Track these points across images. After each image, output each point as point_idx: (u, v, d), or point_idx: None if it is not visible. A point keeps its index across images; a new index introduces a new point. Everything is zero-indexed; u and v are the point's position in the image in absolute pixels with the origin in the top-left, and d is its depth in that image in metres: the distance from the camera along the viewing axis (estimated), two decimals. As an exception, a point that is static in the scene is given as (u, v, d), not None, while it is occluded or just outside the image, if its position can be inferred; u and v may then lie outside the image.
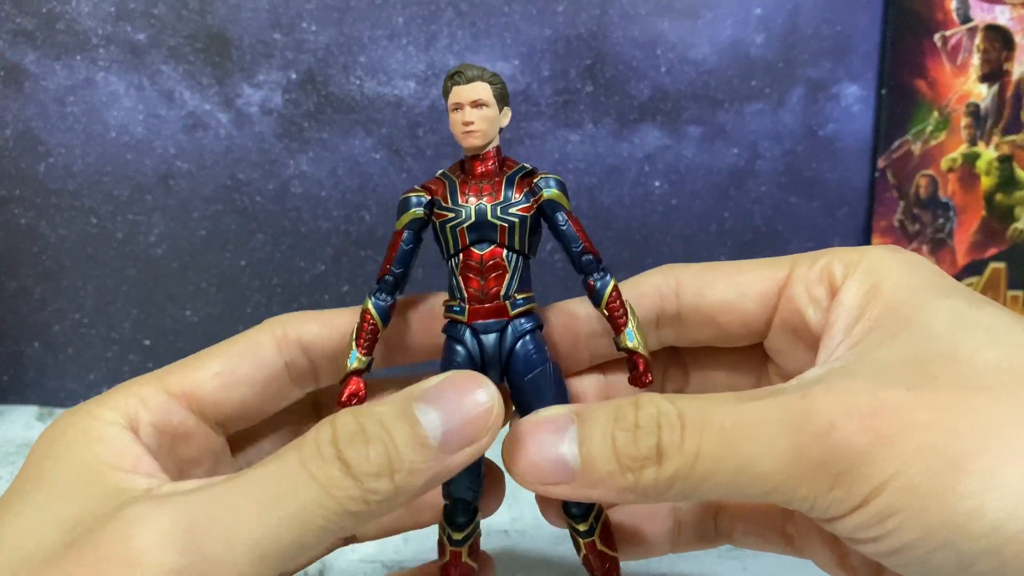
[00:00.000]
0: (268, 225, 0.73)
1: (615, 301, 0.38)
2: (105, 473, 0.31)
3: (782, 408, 0.30)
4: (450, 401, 0.30)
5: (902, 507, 0.28)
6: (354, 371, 0.37)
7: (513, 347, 0.37)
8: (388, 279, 0.38)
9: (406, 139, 0.72)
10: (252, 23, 0.69)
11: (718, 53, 0.72)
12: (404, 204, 0.38)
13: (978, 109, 0.73)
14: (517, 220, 0.37)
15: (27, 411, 0.73)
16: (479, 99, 0.37)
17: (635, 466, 0.30)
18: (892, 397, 0.29)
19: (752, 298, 0.38)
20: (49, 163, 0.71)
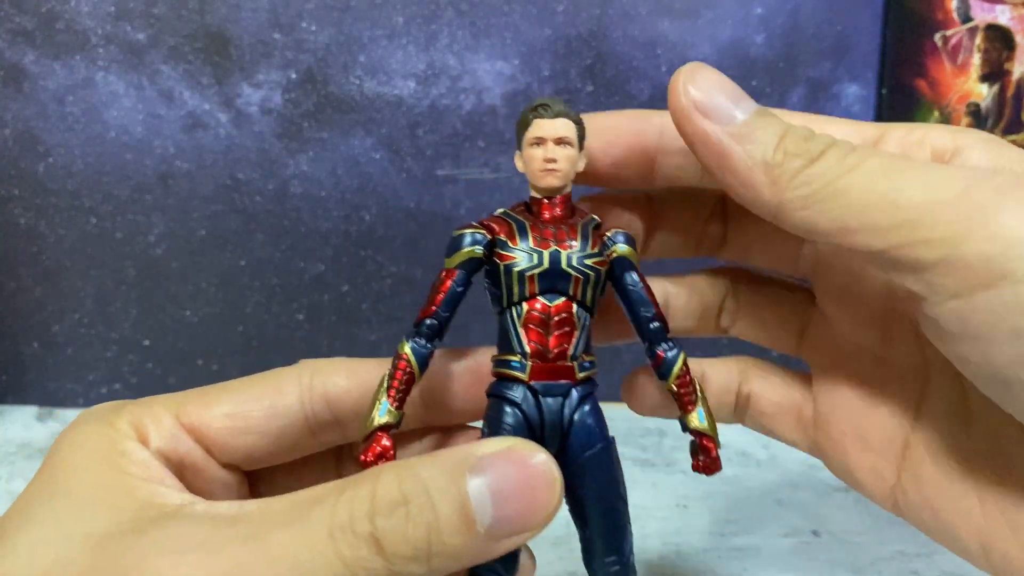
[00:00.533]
0: (268, 225, 0.72)
1: (685, 376, 0.35)
2: (136, 486, 0.29)
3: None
4: (508, 480, 0.27)
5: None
6: (382, 426, 0.32)
7: (574, 414, 0.33)
8: (432, 323, 0.33)
9: (406, 139, 0.72)
10: (252, 23, 0.69)
11: (718, 53, 0.72)
12: (458, 241, 0.33)
13: (979, 109, 0.73)
14: (593, 273, 0.33)
15: (26, 411, 0.73)
16: (565, 137, 0.34)
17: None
18: None
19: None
20: (48, 163, 0.70)
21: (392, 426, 0.32)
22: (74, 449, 0.31)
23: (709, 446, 0.34)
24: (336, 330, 0.74)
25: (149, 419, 0.33)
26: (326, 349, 0.74)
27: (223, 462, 0.34)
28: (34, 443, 0.68)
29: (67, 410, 0.73)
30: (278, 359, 0.77)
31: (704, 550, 0.55)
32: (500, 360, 0.34)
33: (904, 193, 0.28)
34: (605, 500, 0.33)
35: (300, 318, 0.74)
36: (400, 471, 0.27)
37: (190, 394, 0.34)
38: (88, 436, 0.31)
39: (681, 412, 0.35)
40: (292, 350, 0.74)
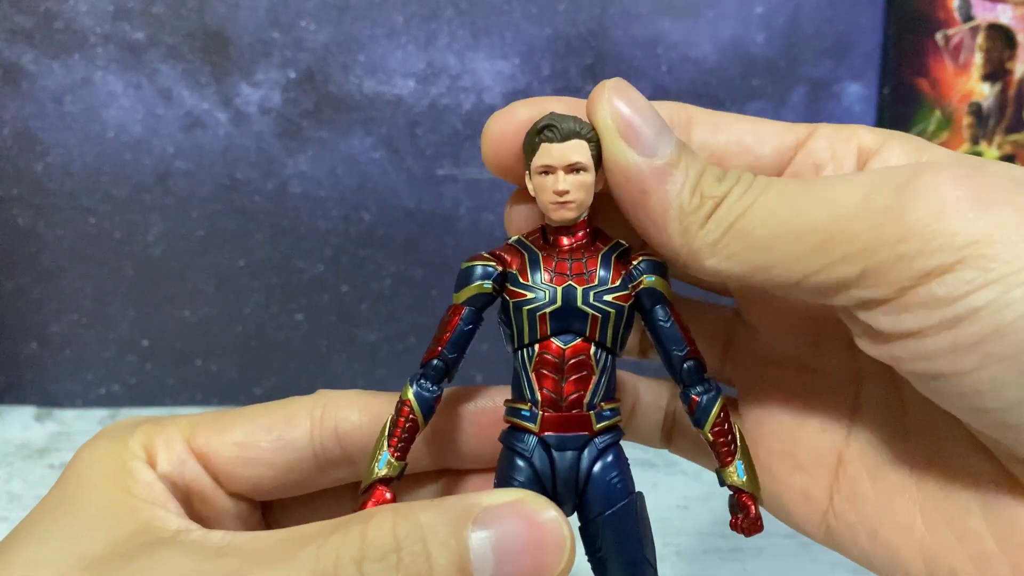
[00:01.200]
0: (267, 225, 0.72)
1: (723, 423, 0.31)
2: (138, 508, 0.29)
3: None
4: (514, 537, 0.25)
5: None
6: (382, 479, 0.30)
7: (591, 469, 0.30)
8: (438, 364, 0.30)
9: (405, 138, 0.71)
10: (251, 22, 0.69)
11: (719, 52, 0.71)
12: (467, 275, 0.30)
13: (980, 108, 0.72)
14: (613, 311, 0.30)
15: (25, 411, 0.72)
16: (577, 162, 0.30)
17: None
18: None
19: (767, 145, 0.34)
20: (47, 163, 0.70)
21: (392, 479, 0.30)
22: (86, 465, 0.30)
23: (749, 504, 0.30)
24: (335, 330, 0.74)
25: (161, 441, 0.32)
26: (325, 349, 0.74)
27: (231, 491, 0.33)
28: (32, 443, 0.68)
29: (65, 411, 0.73)
30: (277, 359, 0.77)
31: (705, 551, 0.55)
32: (511, 407, 0.31)
33: (809, 216, 0.27)
34: (628, 563, 0.30)
35: (299, 318, 0.74)
36: (397, 514, 0.25)
37: (205, 418, 0.34)
38: (100, 453, 0.31)
39: (718, 464, 0.31)
40: (291, 350, 0.74)
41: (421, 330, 0.71)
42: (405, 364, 0.73)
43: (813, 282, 0.28)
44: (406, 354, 0.73)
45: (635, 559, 0.30)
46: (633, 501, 0.30)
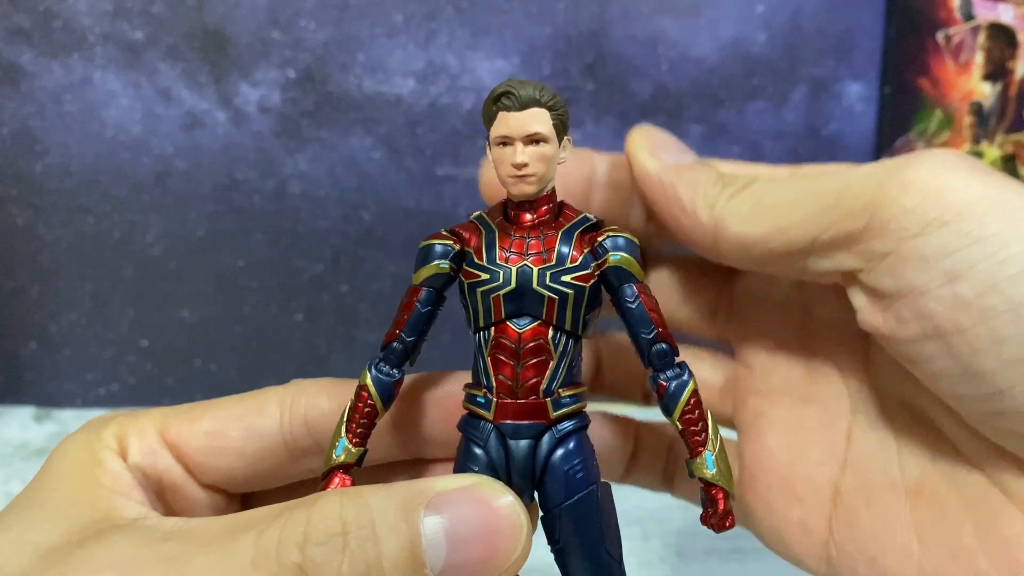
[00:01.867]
0: (266, 225, 0.72)
1: (693, 411, 0.29)
2: (101, 497, 0.29)
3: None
4: (467, 522, 0.24)
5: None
6: (339, 465, 0.29)
7: (550, 458, 0.28)
8: (396, 347, 0.30)
9: (405, 138, 0.71)
10: (250, 21, 0.69)
11: (720, 51, 0.71)
12: (425, 253, 0.30)
13: (981, 108, 0.72)
14: (571, 292, 0.28)
15: (24, 411, 0.72)
16: (536, 133, 0.28)
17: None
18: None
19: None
20: (46, 162, 0.70)
21: (350, 465, 0.29)
22: (59, 457, 0.30)
23: (718, 497, 0.28)
24: (335, 330, 0.74)
25: (133, 432, 0.32)
26: (325, 350, 0.74)
27: (204, 483, 0.33)
28: (31, 444, 0.68)
29: (64, 411, 0.73)
30: (276, 360, 0.77)
31: (706, 551, 0.55)
32: (468, 393, 0.29)
33: (823, 184, 0.31)
34: (589, 556, 0.28)
35: (299, 318, 0.74)
36: (345, 497, 0.24)
37: (178, 409, 0.33)
38: (74, 445, 0.31)
39: (689, 454, 0.29)
40: (290, 351, 0.74)
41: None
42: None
43: (824, 240, 0.30)
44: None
45: (596, 552, 0.28)
46: (594, 492, 0.29)
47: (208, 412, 0.33)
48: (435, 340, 0.32)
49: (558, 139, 0.29)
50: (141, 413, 0.33)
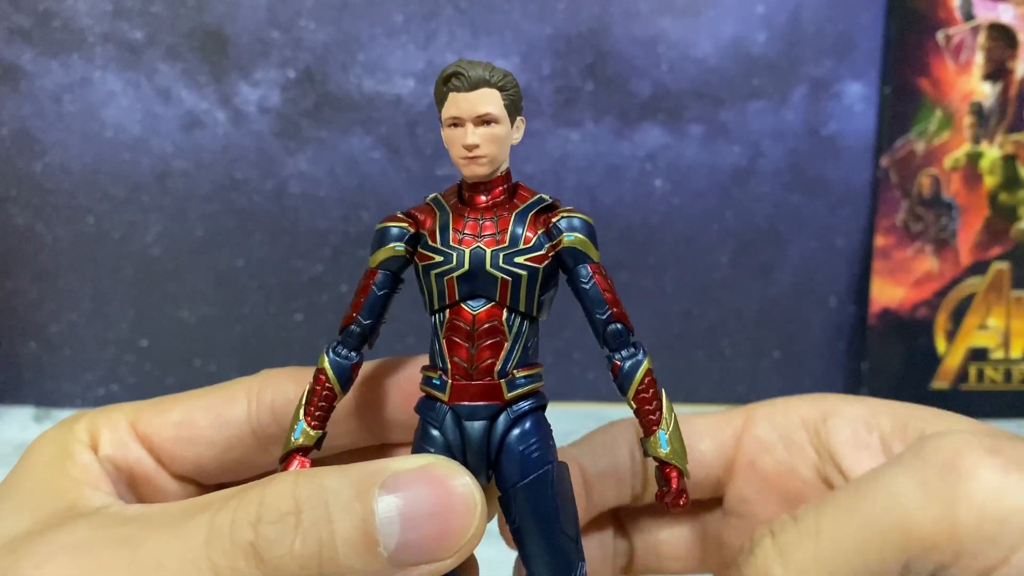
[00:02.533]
0: (266, 225, 0.72)
1: (647, 390, 0.29)
2: (68, 488, 0.29)
3: (897, 464, 0.29)
4: (421, 501, 0.24)
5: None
6: (298, 448, 0.29)
7: (505, 439, 0.28)
8: (353, 330, 0.30)
9: (405, 138, 0.71)
10: (250, 21, 0.69)
11: (720, 51, 0.71)
12: (381, 236, 0.30)
13: (981, 108, 0.72)
14: (525, 273, 0.28)
15: (23, 411, 0.72)
16: (486, 114, 0.28)
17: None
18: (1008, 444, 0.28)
19: (708, 441, 0.35)
20: (45, 162, 0.70)
21: (309, 448, 0.29)
22: (31, 452, 0.31)
23: (671, 475, 0.28)
24: (335, 330, 0.74)
25: (105, 425, 0.32)
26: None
27: (175, 473, 0.33)
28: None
29: (64, 411, 0.73)
30: (276, 359, 0.77)
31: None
32: (425, 375, 0.29)
33: (877, 521, 0.28)
34: (545, 535, 0.28)
35: (298, 318, 0.74)
36: (299, 477, 0.24)
37: (150, 402, 0.33)
38: (46, 440, 0.31)
39: (642, 433, 0.29)
40: (290, 350, 0.74)
41: (420, 330, 0.71)
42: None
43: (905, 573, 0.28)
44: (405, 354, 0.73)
45: (551, 531, 0.28)
46: (550, 471, 0.28)
47: (178, 403, 0.33)
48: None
49: (510, 120, 0.29)
50: (113, 407, 0.33)
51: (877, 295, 0.74)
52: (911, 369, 0.75)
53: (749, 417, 0.35)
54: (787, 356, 0.77)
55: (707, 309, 0.76)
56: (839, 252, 0.75)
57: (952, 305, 0.75)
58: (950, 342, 0.75)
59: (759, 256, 0.75)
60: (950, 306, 0.75)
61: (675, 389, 0.77)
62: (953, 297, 0.74)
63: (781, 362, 0.77)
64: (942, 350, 0.75)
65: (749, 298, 0.76)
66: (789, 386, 0.77)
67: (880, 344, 0.74)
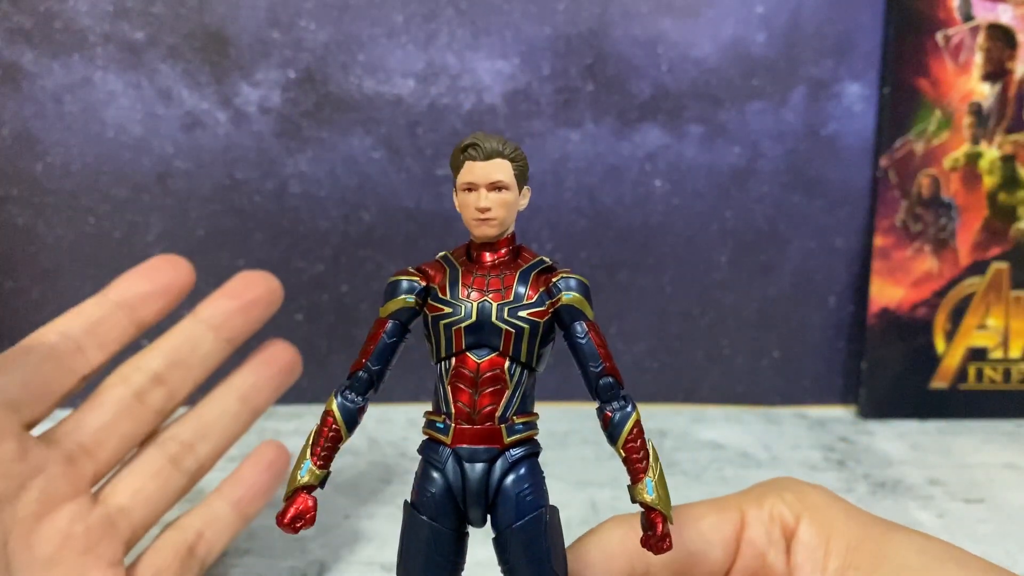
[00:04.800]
0: (266, 225, 0.72)
1: (635, 440, 0.31)
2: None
3: None
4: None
5: None
6: (304, 487, 0.31)
7: (502, 482, 0.30)
8: (362, 376, 0.32)
9: (405, 138, 0.71)
10: (250, 21, 0.69)
11: (720, 52, 0.71)
12: (393, 289, 0.32)
13: (981, 108, 0.72)
14: (527, 326, 0.31)
15: (24, 412, 0.72)
16: (498, 181, 0.31)
17: None
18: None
19: (718, 545, 0.36)
20: (46, 162, 0.70)
21: (314, 487, 0.31)
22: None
23: (656, 521, 0.30)
24: (335, 331, 0.74)
25: None
26: (325, 349, 0.74)
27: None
28: (32, 444, 0.68)
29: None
30: (277, 359, 0.77)
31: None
32: (429, 419, 0.32)
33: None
34: (536, 574, 0.30)
35: (299, 318, 0.74)
36: None
37: None
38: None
39: (630, 480, 0.31)
40: (291, 350, 0.74)
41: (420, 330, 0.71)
42: (404, 364, 0.72)
43: None
44: (405, 354, 0.73)
45: (542, 571, 0.30)
46: (543, 514, 0.31)
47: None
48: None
49: (518, 188, 0.31)
50: None
51: (876, 295, 0.74)
52: (910, 369, 0.75)
53: (743, 516, 0.36)
54: (786, 356, 0.77)
55: (706, 309, 0.76)
56: (838, 252, 0.75)
57: (951, 305, 0.75)
58: (949, 342, 0.75)
59: (759, 256, 0.75)
60: (949, 306, 0.75)
61: (675, 389, 0.77)
62: (952, 297, 0.75)
63: (780, 362, 0.77)
64: (941, 350, 0.75)
65: (748, 298, 0.76)
66: (789, 386, 0.77)
67: (879, 344, 0.74)
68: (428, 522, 0.31)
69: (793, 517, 0.35)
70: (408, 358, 0.77)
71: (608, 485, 0.62)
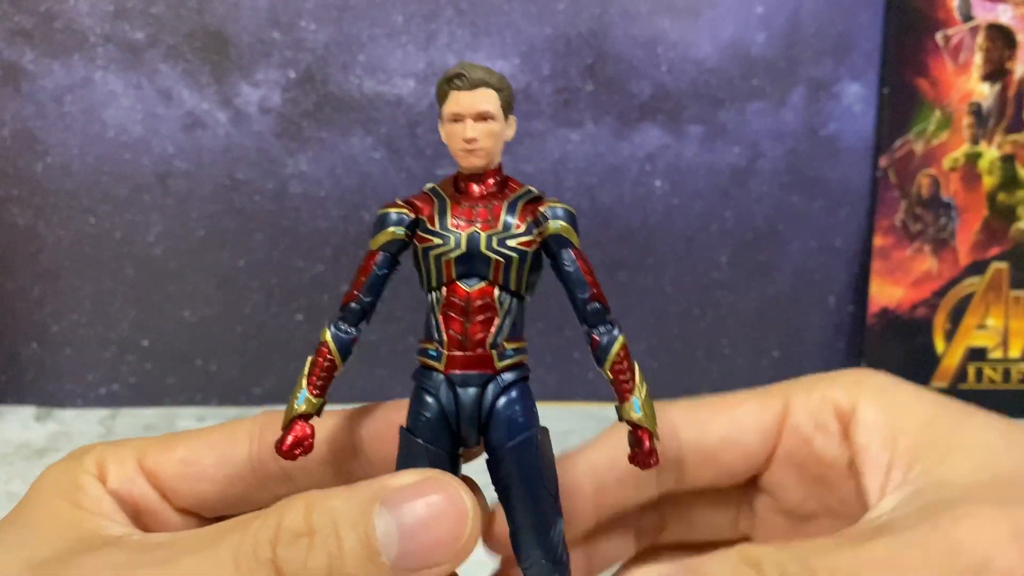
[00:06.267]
0: (267, 225, 0.72)
1: (622, 362, 0.32)
2: (84, 519, 0.31)
3: (917, 547, 0.27)
4: (415, 512, 0.27)
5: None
6: (301, 415, 0.31)
7: (494, 405, 0.31)
8: (354, 307, 0.33)
9: (405, 138, 0.71)
10: (251, 22, 0.69)
11: (719, 52, 0.71)
12: (382, 220, 0.32)
13: (980, 108, 0.72)
14: (516, 255, 0.31)
15: (25, 411, 0.72)
16: (484, 111, 0.31)
17: None
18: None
19: (753, 431, 0.36)
20: (47, 163, 0.70)
21: (311, 415, 0.32)
22: (40, 483, 0.33)
23: (643, 437, 0.31)
24: (335, 330, 0.74)
25: (113, 459, 0.34)
26: (325, 349, 0.74)
27: (178, 507, 0.35)
28: (32, 443, 0.68)
29: (65, 410, 0.73)
30: (277, 360, 0.77)
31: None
32: (421, 348, 0.33)
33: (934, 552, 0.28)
34: (529, 492, 0.32)
35: (299, 318, 0.74)
36: (311, 501, 0.27)
37: (155, 439, 0.36)
38: (56, 472, 0.33)
39: (617, 400, 0.32)
40: (291, 350, 0.74)
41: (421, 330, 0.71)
42: (405, 364, 0.73)
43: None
44: (406, 354, 0.73)
45: (534, 488, 0.31)
46: (534, 434, 0.31)
47: (183, 441, 0.35)
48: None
49: (504, 117, 0.32)
50: (120, 443, 0.35)
51: (876, 295, 0.74)
52: (910, 369, 0.75)
53: (788, 404, 0.36)
54: (786, 355, 0.77)
55: (706, 309, 0.76)
56: (838, 252, 0.75)
57: (951, 305, 0.75)
58: (949, 342, 0.75)
59: (758, 256, 0.75)
60: (949, 306, 0.75)
61: (675, 389, 0.77)
62: (952, 297, 0.75)
63: (780, 361, 0.77)
64: (941, 350, 0.75)
65: (748, 298, 0.76)
66: (788, 386, 0.77)
67: (879, 343, 0.74)
68: (424, 445, 0.31)
69: (849, 402, 0.34)
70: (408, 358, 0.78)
71: (608, 485, 0.62)
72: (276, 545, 0.27)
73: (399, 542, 0.26)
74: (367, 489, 0.27)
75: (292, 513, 0.27)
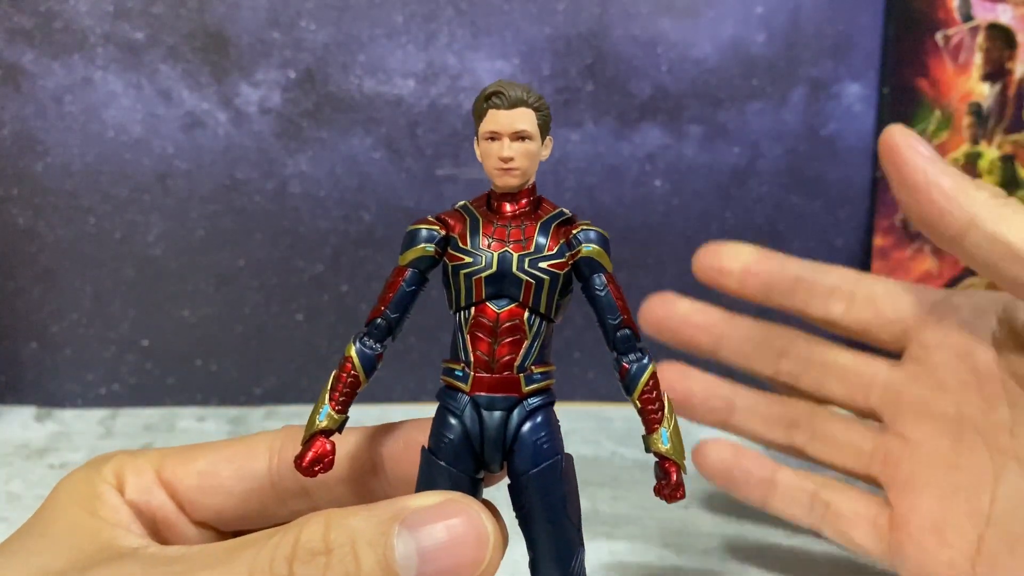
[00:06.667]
0: (267, 225, 0.72)
1: (651, 391, 0.32)
2: (102, 529, 0.31)
3: None
4: (434, 535, 0.27)
5: None
6: (322, 431, 0.31)
7: (519, 429, 0.31)
8: (380, 323, 0.32)
9: (405, 138, 0.71)
10: (251, 22, 0.69)
11: (719, 52, 0.71)
12: (412, 237, 0.32)
13: (980, 108, 0.72)
14: (547, 277, 0.31)
15: (25, 411, 0.72)
16: (522, 130, 0.30)
17: None
18: None
19: (910, 296, 0.46)
20: (47, 162, 0.70)
21: (332, 431, 0.31)
22: (60, 490, 0.33)
23: (670, 470, 0.31)
24: (335, 331, 0.74)
25: (131, 470, 0.34)
26: (325, 350, 0.74)
27: (195, 519, 0.35)
28: (32, 444, 0.68)
29: (65, 411, 0.73)
30: (277, 360, 0.77)
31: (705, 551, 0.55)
32: (447, 367, 0.32)
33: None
34: (550, 520, 0.31)
35: (299, 319, 0.74)
36: (330, 519, 0.27)
37: (175, 450, 0.35)
38: (74, 480, 0.33)
39: (645, 431, 0.32)
40: (291, 351, 0.74)
41: (421, 330, 0.71)
42: (405, 364, 0.73)
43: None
44: (406, 354, 0.73)
45: (557, 517, 0.31)
46: (559, 462, 0.31)
47: (202, 454, 0.35)
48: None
49: (541, 138, 0.31)
50: (140, 452, 0.35)
51: (876, 295, 0.74)
52: (910, 369, 0.75)
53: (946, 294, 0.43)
54: (786, 356, 0.77)
55: (706, 309, 0.76)
56: (838, 252, 0.75)
57: (951, 305, 0.75)
58: (949, 342, 0.75)
59: (758, 256, 0.75)
60: (949, 306, 0.75)
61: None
62: (952, 297, 0.75)
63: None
64: (941, 350, 0.75)
65: (748, 298, 0.76)
66: (788, 386, 0.77)
67: (879, 344, 0.74)
68: (446, 467, 0.31)
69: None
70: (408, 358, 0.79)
71: (608, 485, 0.62)
72: (293, 562, 0.26)
73: (418, 565, 0.26)
74: (387, 509, 0.27)
75: (310, 530, 0.27)
